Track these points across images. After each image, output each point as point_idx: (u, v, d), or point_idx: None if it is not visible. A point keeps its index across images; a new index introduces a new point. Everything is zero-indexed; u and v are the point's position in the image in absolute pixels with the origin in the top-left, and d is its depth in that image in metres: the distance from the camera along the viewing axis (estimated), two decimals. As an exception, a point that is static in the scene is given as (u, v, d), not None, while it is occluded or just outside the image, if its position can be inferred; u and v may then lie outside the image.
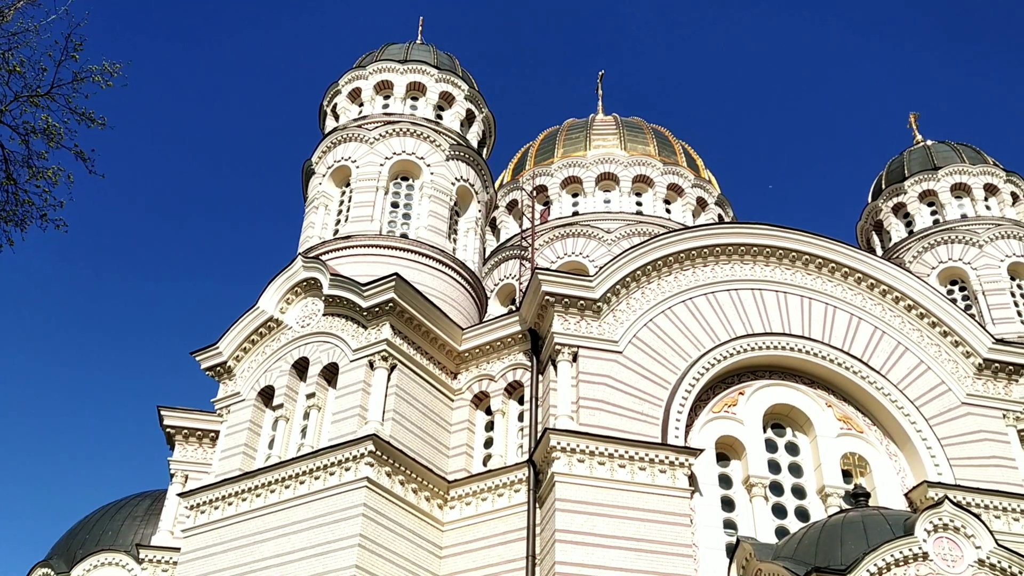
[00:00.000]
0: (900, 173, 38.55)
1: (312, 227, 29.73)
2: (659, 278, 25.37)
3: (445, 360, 25.88)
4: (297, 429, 24.89)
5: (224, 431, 25.83)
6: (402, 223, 29.41)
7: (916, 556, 17.30)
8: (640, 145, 43.48)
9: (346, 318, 25.12)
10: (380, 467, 22.25)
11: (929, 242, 35.45)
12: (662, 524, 21.31)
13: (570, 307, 24.12)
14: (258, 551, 22.30)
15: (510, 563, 21.95)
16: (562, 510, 21.13)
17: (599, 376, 23.32)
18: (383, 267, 26.95)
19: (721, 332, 24.79)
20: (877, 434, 24.84)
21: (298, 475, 22.82)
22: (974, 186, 36.44)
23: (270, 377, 25.74)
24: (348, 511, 21.46)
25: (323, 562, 21.01)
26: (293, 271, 26.54)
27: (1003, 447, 24.46)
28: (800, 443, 24.72)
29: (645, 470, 21.99)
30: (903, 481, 24.12)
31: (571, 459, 21.80)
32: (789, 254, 26.27)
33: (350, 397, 23.56)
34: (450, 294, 28.10)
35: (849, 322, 25.68)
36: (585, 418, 22.53)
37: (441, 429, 24.96)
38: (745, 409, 24.46)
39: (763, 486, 23.36)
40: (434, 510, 23.48)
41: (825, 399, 25.07)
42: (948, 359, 25.69)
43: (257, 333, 26.64)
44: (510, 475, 23.27)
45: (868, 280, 26.30)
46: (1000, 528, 22.50)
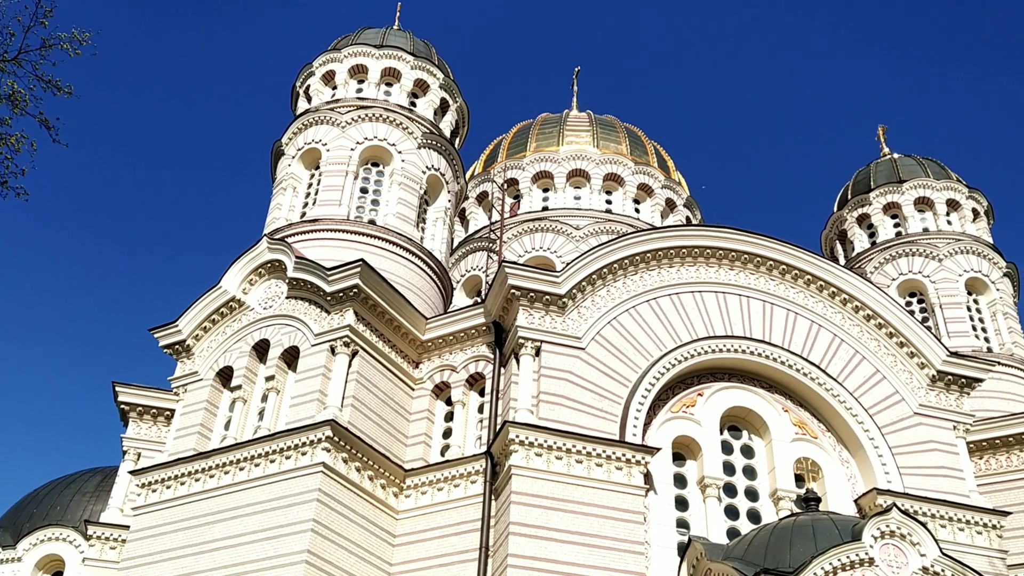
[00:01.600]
0: (866, 184, 39.09)
1: (279, 209, 29.44)
2: (625, 277, 25.50)
3: (407, 349, 25.81)
4: (255, 411, 24.69)
5: (180, 410, 25.55)
6: (370, 209, 29.24)
7: (862, 561, 17.60)
8: (613, 143, 43.63)
9: (309, 302, 24.94)
10: (337, 453, 22.15)
11: (891, 254, 36.00)
12: (616, 521, 21.46)
13: (535, 301, 24.17)
14: (209, 532, 22.11)
15: (463, 554, 21.98)
16: (517, 503, 21.20)
17: (561, 371, 23.41)
18: (349, 252, 26.79)
19: (683, 333, 24.99)
20: (831, 440, 25.22)
21: (253, 457, 22.65)
22: (937, 201, 37.06)
23: (229, 358, 25.49)
24: (302, 495, 21.35)
25: (275, 546, 20.88)
26: (257, 252, 26.28)
27: (952, 458, 24.95)
28: (755, 446, 25.02)
29: (602, 466, 22.13)
30: (854, 487, 24.51)
31: (529, 453, 21.87)
32: (754, 259, 26.53)
33: (310, 382, 23.41)
34: (416, 283, 28.01)
35: (809, 329, 26.02)
36: (545, 412, 22.61)
37: (400, 418, 24.90)
38: (703, 410, 24.70)
39: (717, 487, 23.62)
40: (389, 498, 23.43)
41: (782, 404, 25.39)
42: (903, 369, 26.13)
43: (218, 313, 26.36)
44: (467, 466, 23.28)
45: (830, 288, 26.65)
46: (945, 537, 22.98)
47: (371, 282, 24.44)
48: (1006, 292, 34.95)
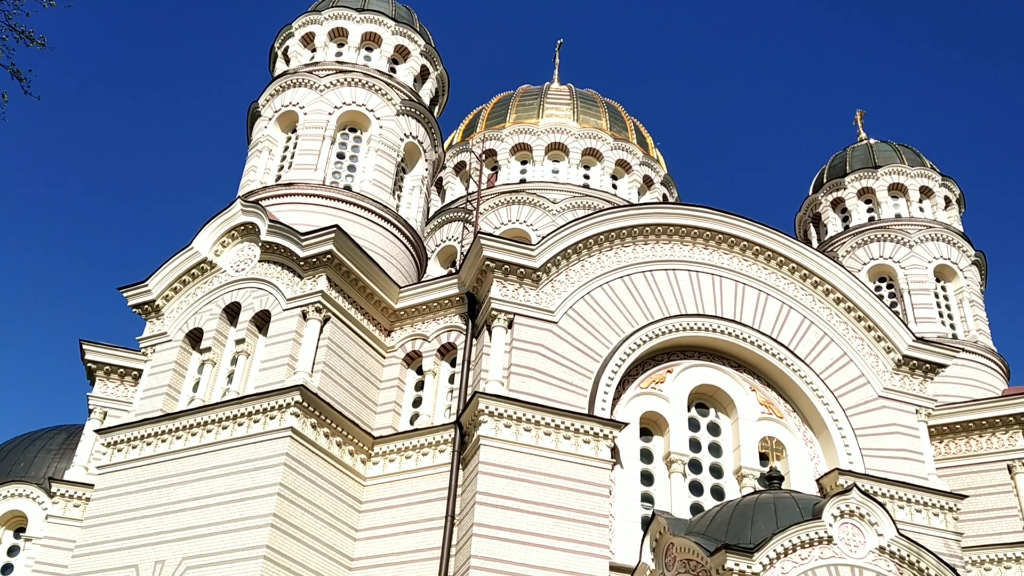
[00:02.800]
0: (842, 168, 39.34)
1: (254, 171, 29.12)
2: (600, 252, 25.56)
3: (380, 317, 25.76)
4: (224, 374, 24.58)
5: (148, 370, 25.36)
6: (347, 175, 29.00)
7: (822, 539, 17.91)
8: (593, 118, 43.49)
9: (282, 266, 24.78)
10: (306, 418, 22.14)
11: (863, 238, 36.34)
12: (582, 493, 21.68)
13: (510, 274, 24.18)
14: (175, 493, 22.07)
15: (429, 521, 22.12)
16: (485, 473, 21.34)
17: (533, 344, 23.49)
18: (324, 218, 26.60)
19: (655, 310, 25.14)
20: (796, 420, 25.56)
21: (221, 420, 22.58)
22: (910, 187, 37.40)
23: (199, 320, 25.30)
24: (270, 459, 21.35)
25: (240, 508, 20.89)
26: (231, 214, 26.02)
27: (913, 441, 25.40)
28: (722, 424, 25.32)
29: (570, 439, 22.30)
30: (816, 467, 24.90)
31: (498, 424, 21.98)
32: (728, 239, 26.67)
33: (280, 346, 23.32)
34: (390, 251, 27.89)
35: (779, 310, 26.26)
36: (515, 384, 22.71)
37: (370, 385, 24.90)
38: (672, 387, 24.92)
39: (683, 463, 23.90)
40: (357, 465, 23.49)
41: (750, 383, 25.67)
42: (870, 353, 26.49)
43: (189, 274, 26.12)
44: (436, 435, 23.37)
45: (802, 271, 26.88)
46: (903, 518, 23.45)
47: (345, 249, 24.31)
48: (973, 280, 35.45)
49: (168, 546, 21.27)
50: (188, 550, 20.93)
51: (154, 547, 21.43)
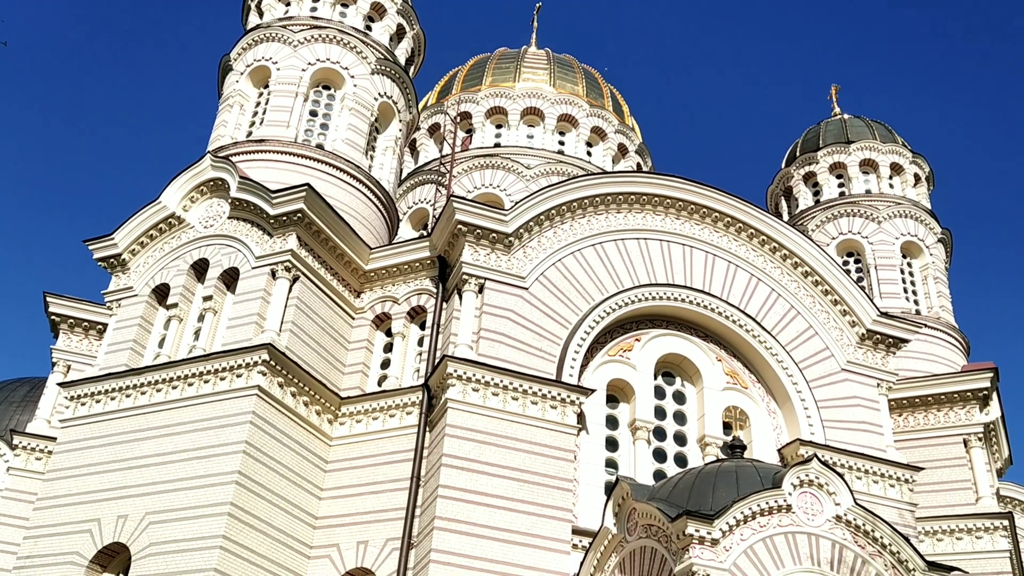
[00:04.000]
0: (815, 143, 39.54)
1: (224, 126, 28.66)
2: (572, 219, 25.56)
3: (350, 278, 25.63)
4: (190, 331, 24.38)
5: (113, 325, 25.08)
6: (319, 133, 28.64)
7: (781, 507, 18.23)
8: (569, 84, 43.23)
9: (252, 223, 24.51)
10: (273, 377, 22.07)
11: (833, 213, 36.64)
12: (547, 458, 21.88)
13: (482, 238, 24.12)
14: (139, 448, 21.97)
15: (395, 482, 22.24)
16: (451, 435, 21.44)
17: (503, 310, 23.52)
18: (295, 176, 26.32)
19: (626, 279, 25.24)
20: (760, 391, 25.91)
21: (187, 377, 22.44)
22: (881, 163, 37.70)
23: (166, 275, 25.02)
24: (236, 417, 21.29)
25: (205, 465, 20.86)
26: (200, 169, 25.64)
27: (873, 414, 25.87)
28: (687, 393, 25.60)
29: (537, 404, 22.46)
30: (778, 437, 25.31)
31: (466, 387, 22.06)
32: (700, 209, 26.77)
33: (248, 304, 23.15)
34: (362, 211, 27.68)
35: (748, 282, 26.49)
36: (484, 349, 22.77)
37: (339, 346, 24.84)
38: (639, 355, 25.12)
39: (647, 430, 24.18)
40: (324, 424, 23.49)
41: (716, 353, 25.93)
42: (835, 326, 26.84)
43: (156, 228, 25.77)
44: (404, 397, 23.42)
45: (771, 243, 27.08)
46: (860, 488, 23.94)
47: (316, 208, 24.09)
48: (939, 257, 35.95)
49: (131, 501, 21.21)
50: (151, 505, 20.89)
51: (117, 502, 21.36)
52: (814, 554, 18.03)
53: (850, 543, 18.34)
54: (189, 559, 19.73)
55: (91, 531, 21.31)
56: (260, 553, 20.63)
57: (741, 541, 17.73)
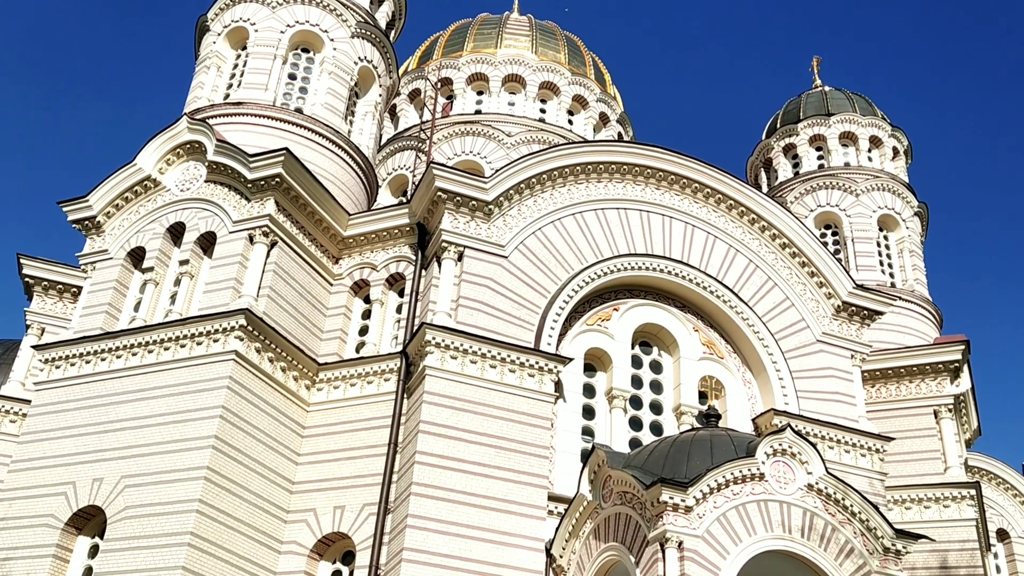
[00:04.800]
0: (795, 115, 39.58)
1: (201, 88, 28.24)
2: (553, 188, 25.51)
3: (328, 244, 25.50)
4: (166, 295, 24.20)
5: (87, 288, 24.85)
6: (298, 97, 28.29)
7: (754, 476, 18.49)
8: (551, 51, 42.90)
9: (229, 187, 24.27)
10: (250, 342, 21.99)
11: (812, 185, 36.79)
12: (524, 425, 22.03)
13: (461, 206, 24.03)
14: (114, 412, 21.88)
15: (372, 448, 22.31)
16: (429, 402, 21.52)
17: (482, 278, 23.52)
18: (273, 140, 26.04)
19: (605, 249, 25.28)
20: (736, 361, 26.14)
21: (163, 341, 22.32)
22: (861, 136, 37.83)
23: (142, 238, 24.77)
24: (212, 382, 21.23)
25: (181, 429, 20.83)
26: (177, 131, 25.30)
27: (847, 384, 26.21)
28: (664, 362, 25.79)
29: (515, 372, 22.55)
30: (753, 407, 25.60)
31: (444, 355, 22.10)
32: (680, 180, 26.79)
33: (226, 269, 22.99)
34: (341, 177, 27.47)
35: (726, 253, 26.61)
36: (463, 317, 22.78)
37: (317, 312, 24.77)
38: (617, 325, 25.24)
39: (624, 399, 24.36)
40: (301, 390, 23.48)
41: (693, 323, 26.10)
42: (811, 298, 27.08)
43: (132, 191, 25.46)
44: (382, 364, 23.43)
45: (750, 215, 27.18)
46: (832, 458, 24.32)
47: (294, 172, 23.88)
48: (915, 231, 36.26)
49: (107, 464, 21.17)
50: (127, 469, 20.86)
51: (92, 465, 21.31)
52: (785, 522, 18.33)
53: (821, 511, 18.65)
54: (165, 522, 19.76)
55: (66, 494, 21.26)
56: (237, 517, 20.70)
57: (714, 508, 17.97)
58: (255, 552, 21.04)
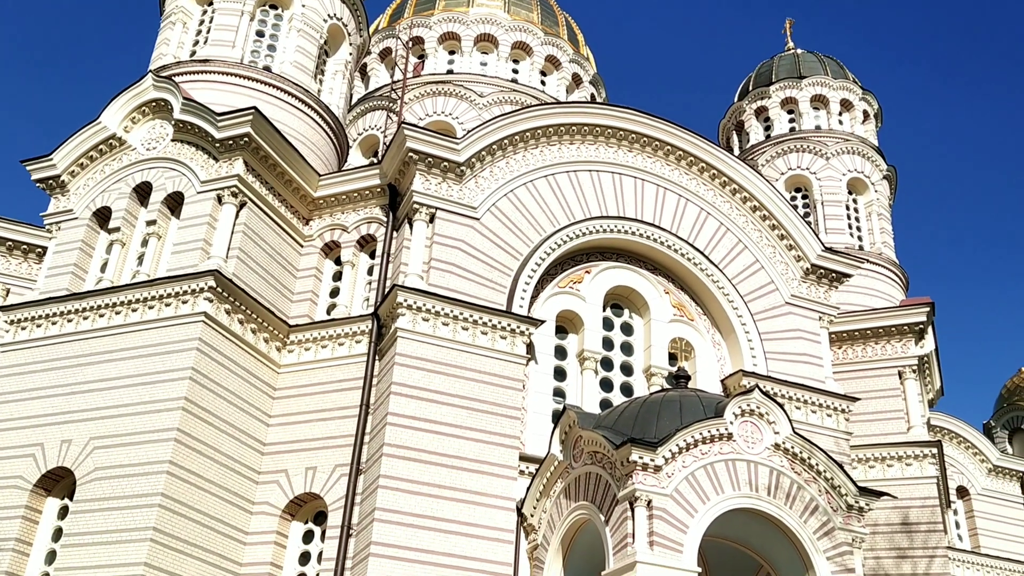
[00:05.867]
0: (768, 77, 39.56)
1: (167, 44, 27.66)
2: (525, 150, 25.39)
3: (298, 204, 25.25)
4: (134, 256, 23.89)
5: (53, 248, 24.48)
6: (266, 55, 27.80)
7: (722, 436, 18.75)
8: (524, 10, 42.41)
9: (196, 147, 23.89)
10: (219, 304, 21.82)
11: (783, 148, 36.89)
12: (496, 387, 22.13)
13: (433, 167, 23.86)
14: (82, 373, 21.68)
15: (344, 409, 22.33)
16: (401, 364, 21.53)
17: (454, 240, 23.44)
18: (241, 98, 25.62)
19: (577, 211, 25.27)
20: (706, 323, 26.37)
21: (131, 302, 22.08)
22: (832, 99, 37.93)
23: (107, 198, 24.37)
24: (182, 344, 21.08)
25: (150, 391, 20.70)
26: (142, 89, 24.80)
27: (814, 346, 26.57)
28: (635, 324, 25.96)
29: (487, 335, 22.59)
30: (722, 368, 25.88)
31: (416, 317, 22.08)
32: (652, 142, 26.76)
33: (194, 229, 22.72)
34: (310, 137, 27.13)
35: (698, 215, 26.71)
36: (435, 279, 22.74)
37: (287, 273, 24.59)
38: (589, 287, 25.33)
39: (595, 360, 24.53)
40: (272, 352, 23.39)
41: (664, 286, 26.25)
42: (780, 261, 27.31)
43: (97, 150, 24.99)
44: (353, 326, 23.37)
45: (722, 177, 27.26)
46: (799, 418, 24.72)
47: (263, 132, 23.55)
48: (883, 194, 36.57)
49: (75, 426, 21.02)
50: (96, 430, 20.73)
51: (60, 426, 21.15)
52: (752, 480, 18.65)
53: (787, 470, 18.99)
54: (135, 483, 19.71)
55: (34, 455, 21.11)
56: (208, 478, 20.69)
57: (683, 468, 18.23)
58: (226, 513, 21.07)
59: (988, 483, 36.56)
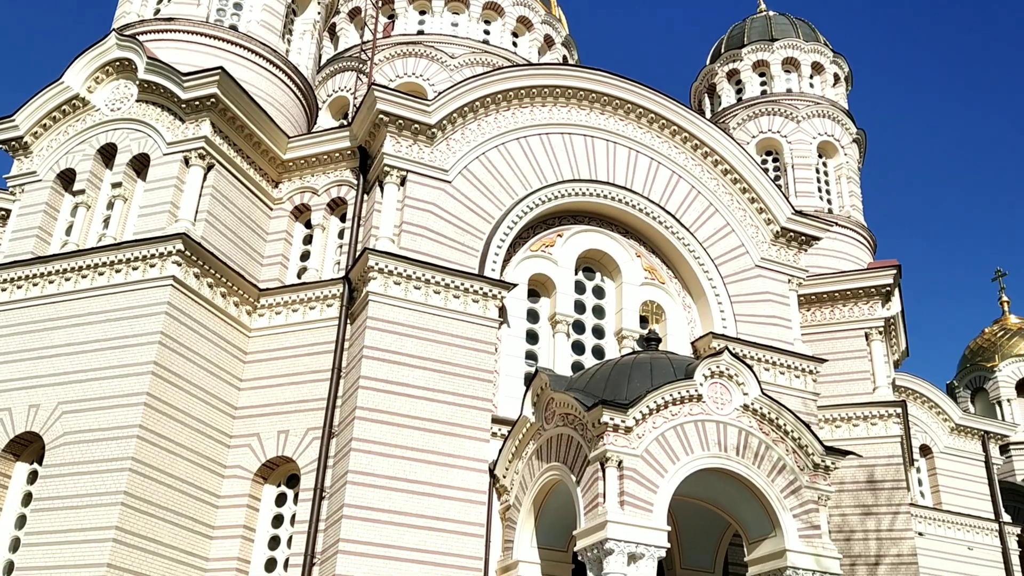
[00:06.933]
0: (740, 40, 39.48)
1: (130, 2, 27.01)
2: (497, 112, 25.21)
3: (267, 167, 24.95)
4: (99, 219, 23.53)
5: (16, 211, 24.03)
6: (232, 14, 27.23)
7: (692, 397, 18.95)
8: (495, -31, 41.78)
9: (162, 108, 23.47)
10: (188, 267, 21.60)
11: (754, 111, 36.94)
12: (468, 350, 22.17)
13: (404, 129, 23.64)
14: (49, 338, 21.42)
15: (315, 373, 22.29)
16: (372, 328, 21.49)
17: (425, 203, 23.32)
18: (207, 58, 25.15)
19: (549, 174, 25.20)
20: (677, 286, 26.54)
21: (98, 266, 21.79)
22: (803, 62, 37.97)
23: (72, 160, 23.92)
24: (150, 308, 20.87)
25: (119, 355, 20.52)
26: (105, 48, 24.26)
27: (783, 308, 26.85)
28: (607, 287, 26.07)
29: (459, 298, 22.58)
30: (692, 331, 26.11)
31: (387, 281, 22.01)
32: (624, 105, 26.68)
33: (161, 192, 22.40)
34: (279, 98, 26.73)
35: (669, 179, 26.75)
36: (406, 242, 22.64)
37: (257, 237, 24.36)
38: (561, 251, 25.36)
39: (567, 323, 24.63)
40: (242, 316, 23.23)
41: (636, 249, 26.34)
42: (751, 224, 27.47)
43: (60, 110, 24.48)
44: (324, 290, 23.26)
45: (693, 140, 27.27)
46: (768, 379, 25.04)
47: (230, 93, 23.16)
48: (853, 157, 36.82)
49: (43, 390, 20.81)
50: (64, 395, 20.55)
51: (28, 391, 20.93)
52: (722, 441, 18.91)
53: (755, 430, 19.26)
54: (105, 448, 19.60)
55: (2, 420, 20.92)
56: (178, 442, 20.62)
57: (653, 429, 18.43)
58: (198, 476, 21.05)
59: (950, 441, 37.36)
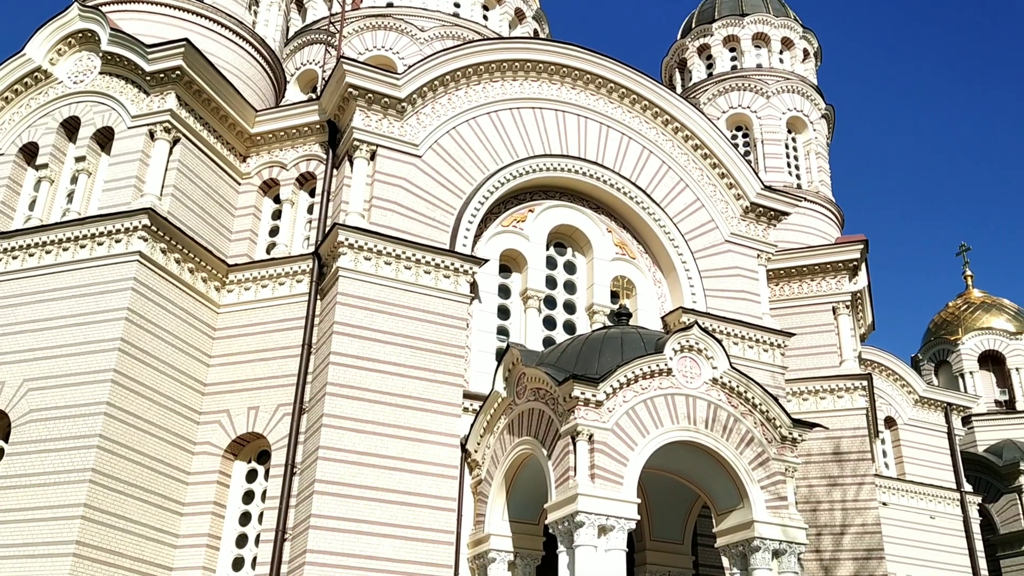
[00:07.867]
0: (711, 14, 39.47)
1: (92, -29, 26.43)
2: (468, 86, 25.04)
3: (235, 141, 24.63)
4: (63, 193, 23.13)
5: (-23, 187, 23.54)
6: (198, -16, 26.74)
7: (662, 371, 19.10)
8: (466, -58, 41.29)
9: (126, 80, 23.05)
10: (155, 243, 21.32)
11: (724, 87, 37.03)
12: (439, 326, 22.15)
13: (374, 103, 23.42)
14: (13, 314, 21.10)
15: (285, 349, 22.18)
16: (343, 304, 21.40)
17: (395, 178, 23.17)
18: (172, 30, 24.72)
19: (520, 149, 25.12)
20: (647, 261, 26.66)
21: (62, 241, 21.45)
22: (773, 38, 38.06)
23: (34, 133, 23.46)
24: (116, 283, 20.60)
25: (85, 332, 20.27)
26: (67, 19, 23.75)
27: (752, 283, 27.08)
28: (578, 263, 26.12)
29: (430, 274, 22.53)
30: (662, 306, 26.28)
31: (358, 256, 21.89)
32: (595, 80, 26.61)
33: (126, 166, 22.04)
34: (246, 71, 26.36)
35: (640, 154, 26.78)
36: (377, 217, 22.51)
37: (224, 212, 24.09)
38: (532, 226, 25.34)
39: (538, 299, 24.68)
40: (211, 292, 23.02)
41: (607, 224, 26.39)
42: (721, 199, 27.61)
43: (21, 83, 23.96)
44: (294, 265, 23.09)
45: (664, 115, 27.29)
46: (737, 353, 25.29)
47: (196, 65, 22.79)
48: (821, 133, 37.06)
49: (8, 368, 20.53)
50: (30, 372, 20.28)
51: (-9, 369, 20.64)
52: (691, 414, 19.10)
53: (724, 403, 19.48)
54: (72, 425, 19.40)
55: (-35, 400, 20.61)
56: (147, 419, 20.46)
57: (624, 403, 18.57)
58: (168, 453, 20.92)
59: (914, 413, 38.01)
